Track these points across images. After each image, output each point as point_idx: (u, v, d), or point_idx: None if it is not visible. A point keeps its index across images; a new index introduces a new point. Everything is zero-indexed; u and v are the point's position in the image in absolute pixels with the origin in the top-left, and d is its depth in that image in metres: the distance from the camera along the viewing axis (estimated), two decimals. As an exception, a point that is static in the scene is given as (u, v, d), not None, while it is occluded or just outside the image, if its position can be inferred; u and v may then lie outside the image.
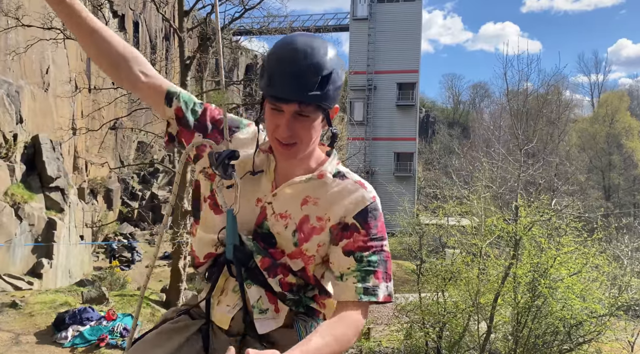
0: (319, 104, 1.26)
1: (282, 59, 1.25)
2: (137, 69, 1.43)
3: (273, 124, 1.29)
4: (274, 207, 1.38)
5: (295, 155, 1.32)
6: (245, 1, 11.05)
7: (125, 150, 24.43)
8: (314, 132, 1.31)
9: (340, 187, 1.37)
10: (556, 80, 25.24)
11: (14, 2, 12.37)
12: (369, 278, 1.32)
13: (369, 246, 1.33)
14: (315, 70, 1.23)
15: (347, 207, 1.35)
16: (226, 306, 1.43)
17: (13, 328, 7.81)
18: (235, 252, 1.38)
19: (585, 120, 46.20)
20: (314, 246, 1.37)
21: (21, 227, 12.76)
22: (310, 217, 1.36)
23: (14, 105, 14.29)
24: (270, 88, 1.25)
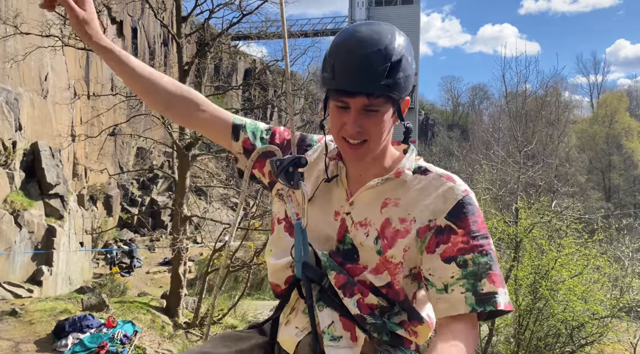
0: (389, 94, 1.13)
1: (346, 49, 1.13)
2: (194, 106, 1.37)
3: (339, 122, 1.17)
4: (353, 217, 1.24)
5: (365, 155, 1.20)
6: (243, 6, 11.07)
7: (125, 156, 24.43)
8: (384, 127, 1.18)
9: (423, 184, 1.22)
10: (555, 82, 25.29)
11: (12, 10, 12.40)
12: (480, 283, 1.12)
13: (473, 246, 1.14)
14: (383, 57, 1.10)
15: (435, 206, 1.18)
16: (295, 327, 1.28)
17: (13, 336, 7.78)
18: (304, 270, 1.23)
19: (585, 121, 46.23)
20: (399, 251, 1.19)
21: (21, 234, 12.73)
22: (391, 220, 1.21)
23: (13, 112, 14.29)
24: (333, 81, 1.14)
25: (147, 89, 1.36)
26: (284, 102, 12.57)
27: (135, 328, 8.42)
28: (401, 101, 1.19)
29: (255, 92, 12.37)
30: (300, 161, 1.23)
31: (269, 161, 1.28)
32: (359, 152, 1.19)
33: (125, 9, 22.30)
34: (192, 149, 10.61)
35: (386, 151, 1.26)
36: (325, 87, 1.18)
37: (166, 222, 22.94)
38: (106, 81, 19.86)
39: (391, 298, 1.22)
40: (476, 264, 1.14)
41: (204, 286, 10.66)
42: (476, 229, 1.16)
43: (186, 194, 10.77)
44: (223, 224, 12.00)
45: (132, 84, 1.36)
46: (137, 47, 24.76)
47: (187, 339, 9.62)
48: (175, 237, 10.51)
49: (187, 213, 10.80)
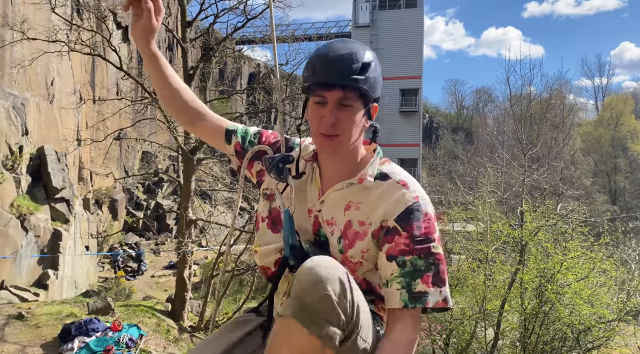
0: (361, 89, 1.28)
1: (325, 52, 1.31)
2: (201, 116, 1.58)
3: (317, 117, 1.32)
4: (323, 215, 1.39)
5: (338, 147, 1.33)
6: (247, 11, 11.15)
7: (130, 160, 24.54)
8: (356, 124, 1.32)
9: (381, 190, 1.34)
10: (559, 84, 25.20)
11: (19, 16, 12.51)
12: (414, 283, 1.26)
13: (413, 249, 1.27)
14: (357, 56, 1.29)
15: (387, 210, 1.31)
16: None
17: (19, 340, 7.81)
18: (292, 252, 1.36)
19: (590, 123, 46.03)
20: (358, 252, 1.33)
21: (27, 238, 12.80)
22: (352, 222, 1.34)
23: (19, 117, 14.40)
24: (313, 77, 1.30)
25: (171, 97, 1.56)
26: (288, 106, 12.61)
27: (140, 332, 8.43)
28: (371, 105, 1.35)
29: (260, 96, 12.42)
30: (288, 158, 1.40)
31: (263, 158, 1.45)
32: (332, 144, 1.31)
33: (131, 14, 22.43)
34: (197, 153, 10.65)
35: (357, 151, 1.39)
36: (306, 84, 1.34)
37: (171, 225, 23.00)
38: (112, 86, 19.99)
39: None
40: (413, 265, 1.27)
41: (209, 290, 10.67)
42: (419, 234, 1.28)
43: (191, 198, 10.80)
44: (228, 227, 12.01)
45: (160, 89, 1.56)
46: (142, 52, 24.90)
47: (192, 342, 9.63)
48: (181, 241, 10.54)
49: (192, 217, 10.83)
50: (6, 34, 11.95)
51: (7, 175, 13.13)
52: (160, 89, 1.56)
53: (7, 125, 13.73)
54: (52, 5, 10.19)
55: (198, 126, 1.59)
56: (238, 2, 11.33)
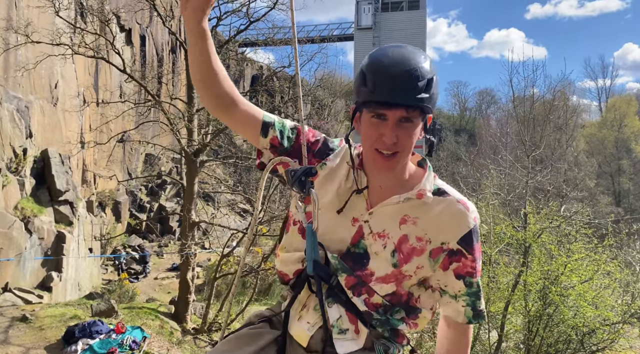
0: (425, 106, 1.23)
1: (385, 64, 1.22)
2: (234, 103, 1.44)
3: (375, 134, 1.25)
4: (371, 226, 1.34)
5: (395, 166, 1.30)
6: (250, 14, 11.17)
7: (133, 162, 24.60)
8: (414, 140, 1.29)
9: (441, 207, 1.33)
10: (563, 86, 25.18)
11: (23, 19, 12.58)
12: (477, 302, 1.39)
13: (476, 270, 1.36)
14: (422, 73, 1.21)
15: (449, 231, 1.32)
16: (306, 323, 1.39)
17: (24, 342, 7.83)
18: (315, 269, 1.34)
19: (594, 125, 45.90)
20: (413, 267, 1.33)
21: (31, 241, 12.85)
22: (409, 237, 1.32)
23: (23, 120, 14.47)
24: (374, 94, 1.22)
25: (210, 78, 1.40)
26: (291, 108, 12.62)
27: (144, 334, 8.44)
28: (428, 116, 1.30)
29: (263, 98, 12.43)
30: (311, 171, 1.35)
31: (285, 170, 1.40)
32: (390, 164, 1.28)
33: (134, 17, 22.54)
34: (200, 155, 10.67)
35: (407, 165, 1.37)
36: (363, 99, 1.25)
37: (174, 228, 23.04)
38: (115, 88, 20.06)
39: (393, 302, 1.37)
40: (477, 287, 1.38)
41: (212, 292, 10.68)
42: (479, 256, 1.37)
43: (194, 200, 10.82)
44: (231, 229, 12.03)
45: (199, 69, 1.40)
46: (145, 55, 25.00)
47: (196, 345, 9.63)
48: (184, 243, 10.56)
49: (195, 219, 10.85)
50: (10, 37, 12.01)
51: (11, 178, 13.19)
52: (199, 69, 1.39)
53: (11, 128, 13.79)
54: (56, 9, 10.23)
55: (231, 113, 1.46)
56: (241, 5, 11.36)
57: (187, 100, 11.13)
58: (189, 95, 10.96)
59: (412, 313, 1.39)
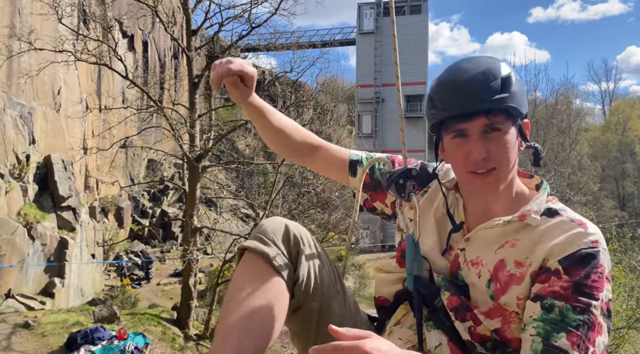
0: (508, 107, 1.05)
1: (448, 79, 1.10)
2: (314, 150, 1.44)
3: (461, 154, 1.09)
4: (466, 254, 1.15)
5: (496, 184, 1.09)
6: (252, 19, 11.20)
7: (136, 168, 24.65)
8: (510, 150, 1.08)
9: (547, 226, 1.07)
10: (565, 89, 25.16)
11: (26, 26, 12.66)
12: (555, 335, 0.96)
13: (570, 296, 0.98)
14: (492, 72, 1.06)
15: (553, 246, 1.03)
16: (398, 339, 1.21)
17: (26, 349, 7.82)
18: (416, 284, 1.17)
19: (597, 128, 45.79)
20: (512, 299, 1.06)
21: (34, 247, 12.86)
22: (506, 262, 1.08)
23: (27, 126, 14.52)
24: (445, 111, 1.08)
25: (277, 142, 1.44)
26: (293, 113, 12.63)
27: (146, 340, 8.42)
28: (522, 122, 1.12)
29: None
30: (410, 172, 1.22)
31: (380, 172, 1.30)
32: (489, 182, 1.08)
33: (137, 23, 22.66)
34: (202, 161, 10.68)
35: (513, 182, 1.15)
36: (436, 121, 1.12)
37: (177, 233, 23.04)
38: (117, 95, 20.14)
39: (502, 339, 1.10)
40: (562, 315, 0.97)
41: (214, 298, 10.65)
42: (583, 283, 0.99)
43: (196, 206, 10.81)
44: (233, 235, 12.01)
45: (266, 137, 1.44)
46: (147, 61, 25.10)
47: (198, 351, 9.59)
48: (186, 249, 10.55)
49: (198, 224, 10.84)
50: (14, 44, 12.08)
51: (14, 184, 13.22)
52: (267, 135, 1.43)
53: (14, 134, 13.84)
54: (59, 16, 10.29)
55: (311, 159, 1.44)
56: (243, 11, 11.40)
57: (189, 105, 11.15)
58: (191, 100, 10.99)
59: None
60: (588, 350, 0.96)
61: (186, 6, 10.92)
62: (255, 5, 11.20)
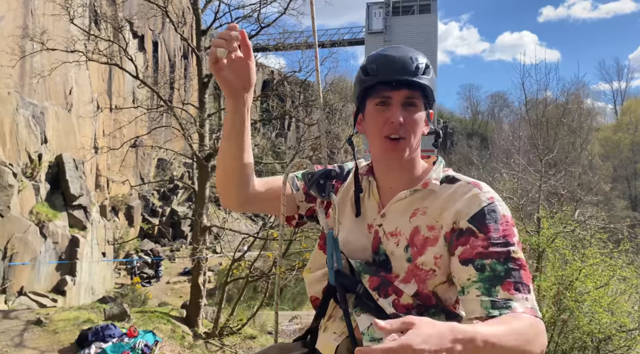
0: (427, 87, 1.24)
1: (386, 53, 1.28)
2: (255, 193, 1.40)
3: (381, 120, 1.24)
4: (385, 228, 1.28)
5: (403, 152, 1.24)
6: (261, 19, 11.23)
7: (146, 167, 24.83)
8: (419, 126, 1.27)
9: (450, 191, 1.24)
10: (576, 89, 24.88)
11: (39, 27, 12.81)
12: (495, 290, 1.09)
13: (491, 252, 1.13)
14: (418, 57, 1.27)
15: (459, 210, 1.20)
16: (332, 332, 1.31)
17: (38, 345, 7.92)
18: (338, 278, 1.28)
19: (609, 128, 45.30)
20: (430, 259, 1.21)
21: (45, 245, 13.02)
22: (420, 228, 1.24)
23: (39, 126, 14.70)
24: (377, 76, 1.24)
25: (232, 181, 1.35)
26: (302, 112, 12.65)
27: (156, 338, 8.49)
28: (429, 111, 1.31)
29: (273, 103, 12.48)
30: (330, 173, 1.33)
31: (302, 174, 1.39)
32: (399, 149, 1.24)
33: (147, 24, 22.82)
34: (212, 160, 10.73)
35: (417, 160, 1.33)
36: (366, 85, 1.27)
37: (186, 232, 23.18)
38: (128, 94, 20.30)
39: (423, 301, 1.24)
40: (493, 270, 1.11)
41: (223, 296, 10.70)
42: (497, 236, 1.15)
43: (206, 205, 10.87)
44: (242, 234, 12.06)
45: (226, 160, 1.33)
46: (157, 61, 25.28)
47: (207, 349, 9.65)
48: (195, 248, 10.60)
49: (207, 223, 10.90)
50: (27, 45, 12.23)
51: (27, 183, 13.39)
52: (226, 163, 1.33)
53: (27, 134, 14.02)
54: (71, 16, 10.40)
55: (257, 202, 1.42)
56: (252, 11, 11.43)
57: (198, 105, 11.21)
58: (201, 100, 11.04)
59: (451, 318, 1.23)
60: (525, 287, 1.11)
61: (196, 6, 10.97)
62: (264, 5, 11.23)
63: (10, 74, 12.92)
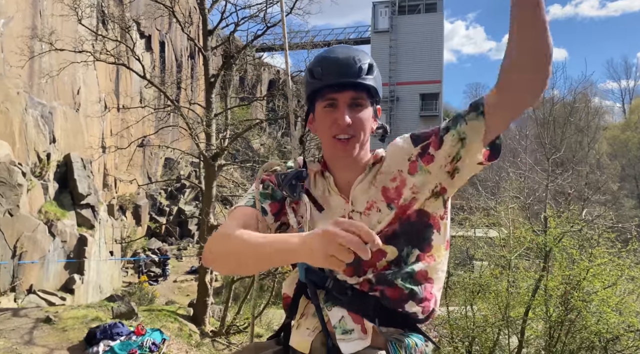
0: (371, 87, 1.29)
1: (330, 56, 1.31)
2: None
3: (329, 120, 1.30)
4: (358, 209, 1.33)
5: (353, 150, 1.31)
6: (267, 19, 11.26)
7: (153, 167, 24.96)
8: (368, 124, 1.32)
9: (389, 149, 1.38)
10: (584, 87, 24.69)
11: (47, 27, 12.92)
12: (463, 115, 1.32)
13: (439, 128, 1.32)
14: (362, 58, 1.30)
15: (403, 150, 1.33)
16: (306, 329, 1.34)
17: (47, 343, 8.00)
18: (307, 275, 1.31)
19: (616, 127, 44.89)
20: (408, 195, 1.31)
21: (54, 243, 13.13)
22: (386, 185, 1.33)
23: (47, 125, 14.83)
24: (321, 81, 1.29)
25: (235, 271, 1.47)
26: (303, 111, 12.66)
27: (163, 336, 8.54)
28: (377, 107, 1.37)
29: (279, 103, 12.51)
30: (302, 174, 1.37)
31: (275, 174, 1.41)
32: (349, 147, 1.30)
33: (154, 24, 22.93)
34: (218, 159, 10.78)
35: (367, 153, 1.39)
36: (313, 89, 1.32)
37: (193, 231, 23.28)
38: (135, 94, 20.42)
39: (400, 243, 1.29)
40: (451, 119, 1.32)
41: (230, 295, 10.75)
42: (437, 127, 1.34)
43: (213, 204, 10.92)
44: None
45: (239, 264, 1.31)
46: (164, 61, 25.39)
47: (214, 347, 9.70)
48: (202, 246, 10.65)
49: (214, 222, 10.95)
50: (35, 45, 12.34)
51: (36, 182, 13.51)
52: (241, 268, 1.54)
53: (35, 133, 14.14)
54: (79, 17, 10.48)
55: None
56: (258, 11, 11.47)
57: (205, 105, 11.27)
58: (207, 100, 11.09)
59: (422, 244, 1.31)
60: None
61: (202, 6, 11.02)
62: (270, 5, 11.26)
63: (20, 74, 13.04)
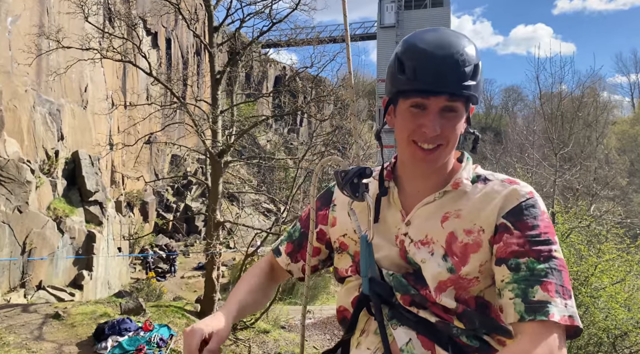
0: (471, 95, 1.08)
1: (426, 49, 1.07)
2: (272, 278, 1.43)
3: (413, 124, 1.09)
4: (412, 236, 1.16)
5: (437, 162, 1.12)
6: (273, 15, 11.23)
7: (160, 163, 25.07)
8: (458, 132, 1.12)
9: (485, 191, 1.13)
10: (592, 82, 24.46)
11: (55, 25, 12.98)
12: (531, 290, 1.00)
13: (529, 250, 1.03)
14: (467, 58, 1.07)
15: (497, 208, 1.09)
16: (366, 349, 1.18)
17: (57, 338, 8.09)
18: (372, 286, 1.16)
19: (626, 121, 44.49)
20: (475, 268, 1.09)
21: (63, 240, 13.25)
22: (456, 233, 1.11)
23: (55, 123, 14.93)
24: (414, 82, 1.07)
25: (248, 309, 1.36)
26: (314, 108, 12.65)
27: (171, 332, 8.60)
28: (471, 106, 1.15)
29: (285, 99, 12.50)
30: (365, 171, 1.18)
31: (334, 172, 1.24)
32: (432, 158, 1.11)
33: (160, 21, 22.97)
34: (225, 156, 10.80)
35: (449, 162, 1.19)
36: (400, 88, 1.11)
37: (200, 227, 23.38)
38: (142, 91, 20.48)
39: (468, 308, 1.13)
40: (530, 270, 1.02)
41: (237, 291, 10.78)
42: (536, 233, 1.04)
43: (219, 200, 10.95)
44: (255, 229, 12.14)
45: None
46: (171, 58, 25.44)
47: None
48: (209, 243, 10.70)
49: (220, 219, 10.98)
50: (43, 43, 12.40)
51: (44, 179, 13.62)
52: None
53: (43, 130, 14.25)
54: (86, 15, 10.51)
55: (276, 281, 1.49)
56: (263, 7, 11.44)
57: (211, 102, 11.28)
58: (214, 97, 11.11)
59: (500, 329, 1.12)
60: (567, 291, 1.01)
61: (208, 3, 11.01)
62: (276, 1, 11.23)
63: (27, 71, 13.13)
